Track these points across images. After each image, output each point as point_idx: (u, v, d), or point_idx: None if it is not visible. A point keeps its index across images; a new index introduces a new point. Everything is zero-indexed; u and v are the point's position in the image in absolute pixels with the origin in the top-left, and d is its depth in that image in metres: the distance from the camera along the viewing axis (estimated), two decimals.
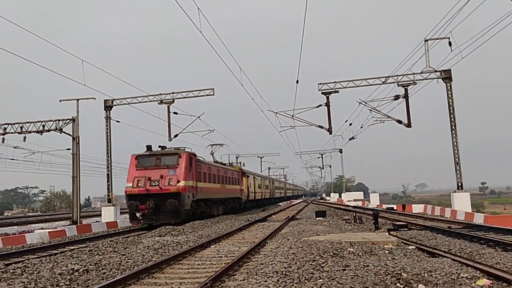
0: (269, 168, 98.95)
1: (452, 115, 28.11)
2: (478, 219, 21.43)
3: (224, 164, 37.93)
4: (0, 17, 16.12)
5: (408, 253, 11.19)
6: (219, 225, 21.82)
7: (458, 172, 27.82)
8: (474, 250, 11.45)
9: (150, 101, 31.40)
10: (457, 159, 27.90)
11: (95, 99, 29.12)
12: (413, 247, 12.33)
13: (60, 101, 29.81)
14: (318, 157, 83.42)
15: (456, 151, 27.91)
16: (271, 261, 9.42)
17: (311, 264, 8.91)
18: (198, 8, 15.69)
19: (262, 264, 9.42)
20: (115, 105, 31.68)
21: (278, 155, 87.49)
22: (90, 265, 9.74)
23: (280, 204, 64.54)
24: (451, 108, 28.18)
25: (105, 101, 31.52)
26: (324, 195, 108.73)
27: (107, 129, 31.29)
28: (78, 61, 23.13)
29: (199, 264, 10.53)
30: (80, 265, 9.63)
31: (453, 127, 28.06)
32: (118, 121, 31.93)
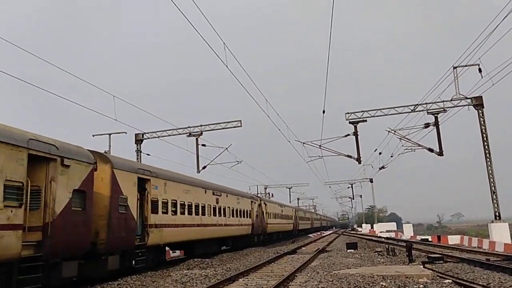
0: (298, 199, 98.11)
1: (485, 143, 27.35)
2: None
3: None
4: (34, 56, 16.89)
5: None
6: (248, 258, 21.54)
7: (495, 201, 26.80)
8: None
9: (179, 134, 32.00)
10: (493, 188, 26.91)
11: (126, 133, 29.94)
12: (450, 281, 11.79)
13: (93, 135, 30.79)
14: (348, 187, 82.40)
15: (491, 180, 26.97)
16: None
17: None
18: (224, 43, 16.09)
19: None
20: (145, 139, 32.43)
21: (306, 185, 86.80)
22: None
23: (310, 235, 63.52)
24: (484, 135, 27.45)
25: (136, 135, 32.33)
26: (355, 226, 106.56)
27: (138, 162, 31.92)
28: (110, 96, 23.90)
29: None
30: None
31: (487, 154, 27.24)
32: (148, 154, 32.59)
